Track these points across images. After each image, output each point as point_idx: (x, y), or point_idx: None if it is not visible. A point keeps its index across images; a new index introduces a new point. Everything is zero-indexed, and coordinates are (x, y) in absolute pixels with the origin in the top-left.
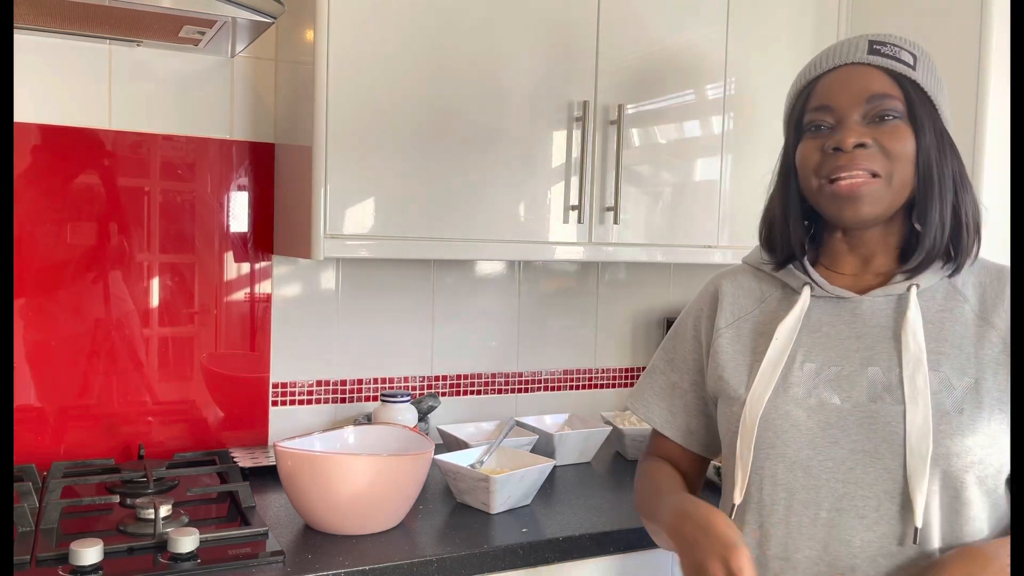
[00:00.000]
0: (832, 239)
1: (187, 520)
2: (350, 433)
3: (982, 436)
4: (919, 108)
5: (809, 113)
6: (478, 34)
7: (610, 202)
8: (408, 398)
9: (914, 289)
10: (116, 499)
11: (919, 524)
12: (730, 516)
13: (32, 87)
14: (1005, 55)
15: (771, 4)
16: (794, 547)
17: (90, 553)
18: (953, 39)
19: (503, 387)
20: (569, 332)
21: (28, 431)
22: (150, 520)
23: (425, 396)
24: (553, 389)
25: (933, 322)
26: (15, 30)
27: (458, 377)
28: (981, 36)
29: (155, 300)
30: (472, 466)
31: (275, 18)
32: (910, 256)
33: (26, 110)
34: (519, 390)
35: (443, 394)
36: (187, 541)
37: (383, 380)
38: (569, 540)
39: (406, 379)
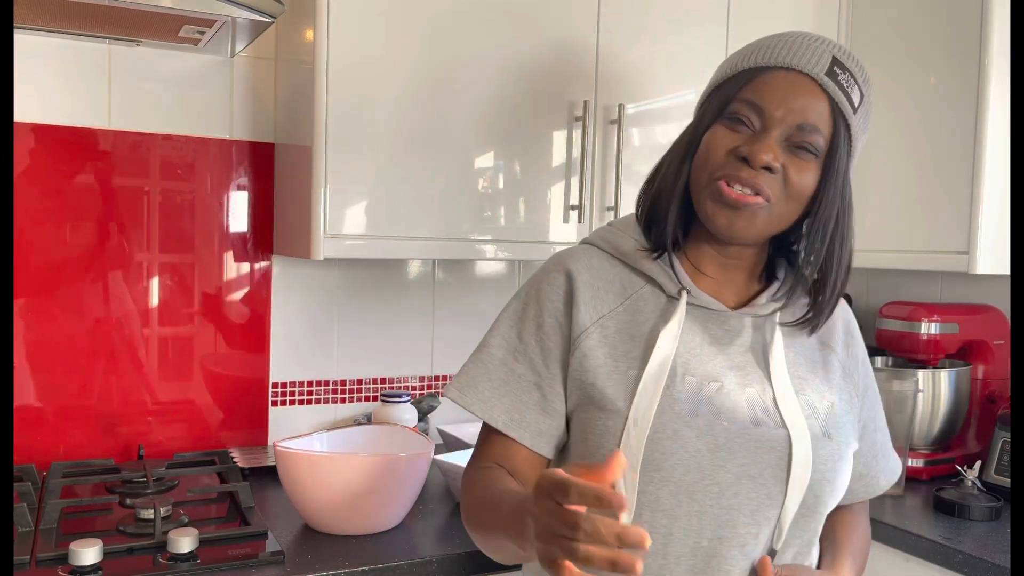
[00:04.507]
0: (699, 235)
1: (187, 520)
2: (350, 433)
3: (845, 461)
4: (840, 154)
5: (738, 102)
6: (478, 34)
7: (610, 202)
8: (408, 398)
9: (777, 314)
10: (116, 499)
11: (778, 547)
12: None
13: (32, 87)
14: (1005, 55)
15: (772, 4)
16: None
17: (90, 553)
18: (953, 38)
19: None
20: None
21: (28, 431)
22: (150, 520)
23: (425, 396)
24: None
25: (788, 346)
26: (15, 30)
27: None
28: (981, 36)
29: (155, 300)
30: None
31: (275, 18)
32: (771, 280)
33: (26, 110)
34: None
35: (443, 394)
36: (187, 541)
37: (383, 380)
38: None
39: (406, 379)
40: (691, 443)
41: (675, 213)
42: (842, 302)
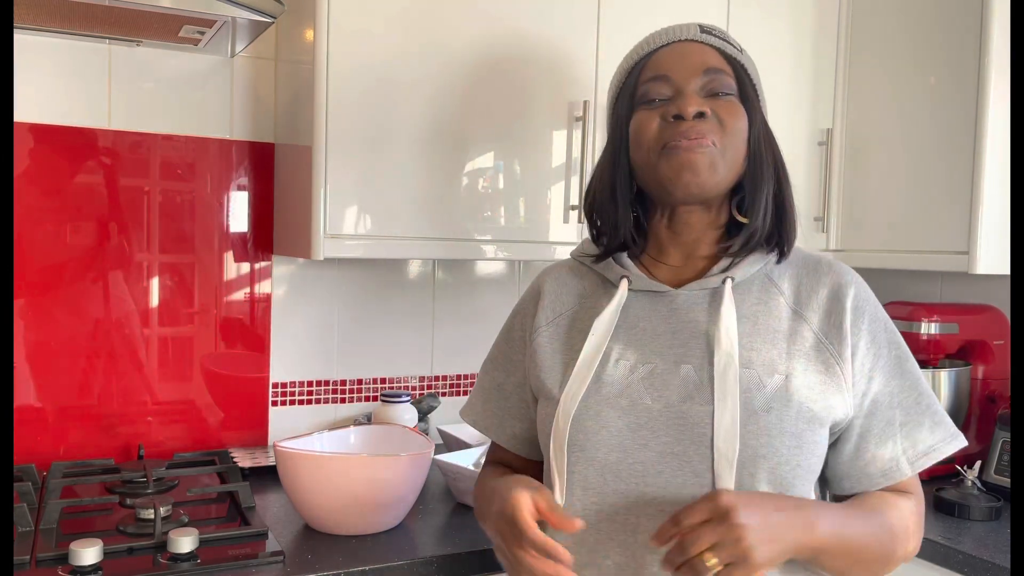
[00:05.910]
0: (657, 227)
1: (187, 520)
2: (350, 433)
3: (789, 436)
4: (749, 90)
5: (644, 85)
6: (478, 33)
7: None
8: (408, 398)
9: (729, 282)
10: (116, 499)
11: None
12: None
13: (32, 87)
14: (1005, 55)
15: (771, 4)
16: (603, 554)
17: (90, 553)
18: (953, 38)
19: None
20: None
21: (28, 431)
22: (150, 520)
23: (425, 396)
24: None
25: (748, 316)
26: (15, 30)
27: (458, 377)
28: (981, 36)
29: (155, 300)
30: (472, 466)
31: (275, 18)
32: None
33: (26, 110)
34: None
35: (443, 394)
36: (187, 541)
37: (383, 380)
38: None
39: (406, 379)
40: (613, 423)
41: (624, 212)
42: (848, 271)
